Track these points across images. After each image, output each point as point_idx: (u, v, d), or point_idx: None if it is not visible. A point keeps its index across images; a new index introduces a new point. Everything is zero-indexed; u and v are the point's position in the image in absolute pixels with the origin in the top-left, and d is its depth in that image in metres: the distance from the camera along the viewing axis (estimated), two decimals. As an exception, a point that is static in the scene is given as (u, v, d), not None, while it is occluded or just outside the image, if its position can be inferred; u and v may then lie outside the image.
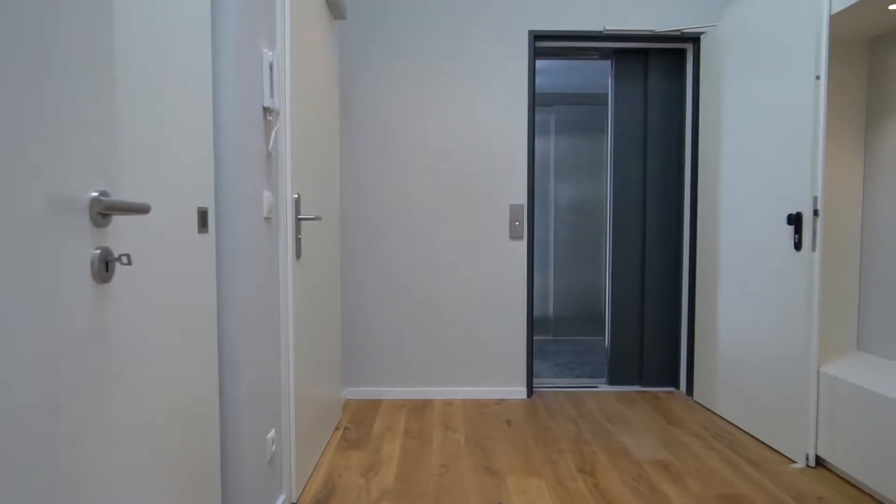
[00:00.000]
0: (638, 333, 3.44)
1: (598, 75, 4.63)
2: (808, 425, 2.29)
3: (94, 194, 0.88)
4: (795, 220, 2.31)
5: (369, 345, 3.26)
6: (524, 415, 2.96)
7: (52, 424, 0.80)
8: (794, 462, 2.35)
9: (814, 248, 2.26)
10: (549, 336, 5.13)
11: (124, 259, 0.95)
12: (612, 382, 3.45)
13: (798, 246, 2.32)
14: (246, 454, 1.60)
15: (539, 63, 4.37)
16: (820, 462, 2.32)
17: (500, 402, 3.19)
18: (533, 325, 3.29)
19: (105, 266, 0.91)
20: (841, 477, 2.21)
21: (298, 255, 2.05)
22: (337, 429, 2.75)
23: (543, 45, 3.26)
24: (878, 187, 2.54)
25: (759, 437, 2.60)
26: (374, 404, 3.14)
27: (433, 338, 3.26)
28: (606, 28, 3.17)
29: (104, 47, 0.91)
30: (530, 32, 3.18)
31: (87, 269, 0.87)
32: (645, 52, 3.35)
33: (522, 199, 3.23)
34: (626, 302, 3.43)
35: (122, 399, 1.02)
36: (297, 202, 2.03)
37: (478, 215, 3.23)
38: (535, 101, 4.89)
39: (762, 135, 2.56)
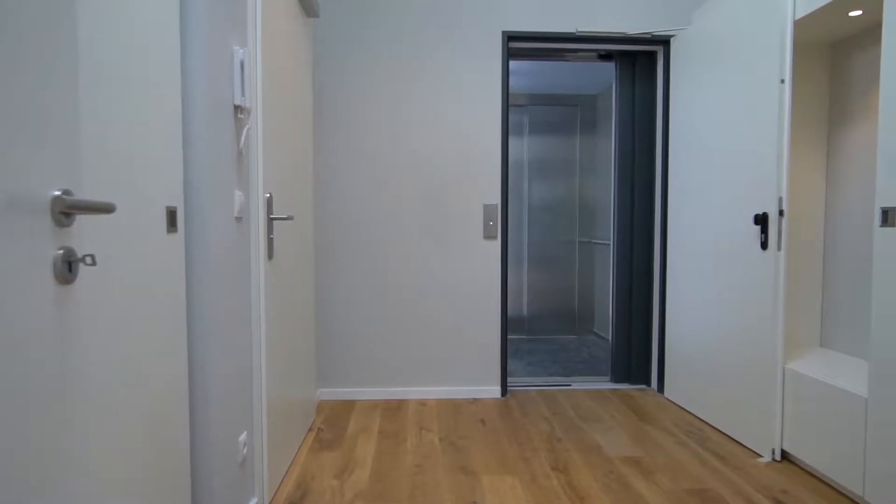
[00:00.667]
0: (627, 332, 3.49)
1: (571, 77, 4.67)
2: (773, 420, 2.35)
3: (56, 193, 0.85)
4: (762, 220, 2.37)
5: (343, 345, 3.23)
6: (498, 414, 2.97)
7: (13, 429, 0.77)
8: (761, 456, 2.40)
9: (779, 248, 2.31)
10: (523, 335, 5.16)
11: (88, 259, 0.93)
12: (615, 380, 3.50)
13: (764, 245, 2.37)
14: (216, 457, 1.57)
15: (513, 64, 4.40)
16: (785, 456, 2.38)
17: (474, 401, 3.20)
18: (507, 324, 3.31)
19: (68, 267, 0.89)
20: (805, 470, 2.27)
21: (271, 255, 2.03)
22: (310, 430, 2.73)
23: (518, 45, 3.28)
24: (839, 188, 2.61)
25: (727, 433, 2.65)
26: (349, 405, 3.13)
27: (408, 338, 3.26)
28: (578, 30, 3.21)
29: (66, 42, 0.88)
30: (504, 33, 3.19)
31: (48, 270, 0.85)
32: (633, 54, 3.39)
33: (496, 199, 3.24)
34: (625, 301, 3.48)
35: (86, 403, 0.99)
36: (270, 202, 2.01)
37: (452, 215, 3.24)
38: (509, 101, 4.92)
39: (729, 136, 2.62)
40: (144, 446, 1.22)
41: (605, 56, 3.43)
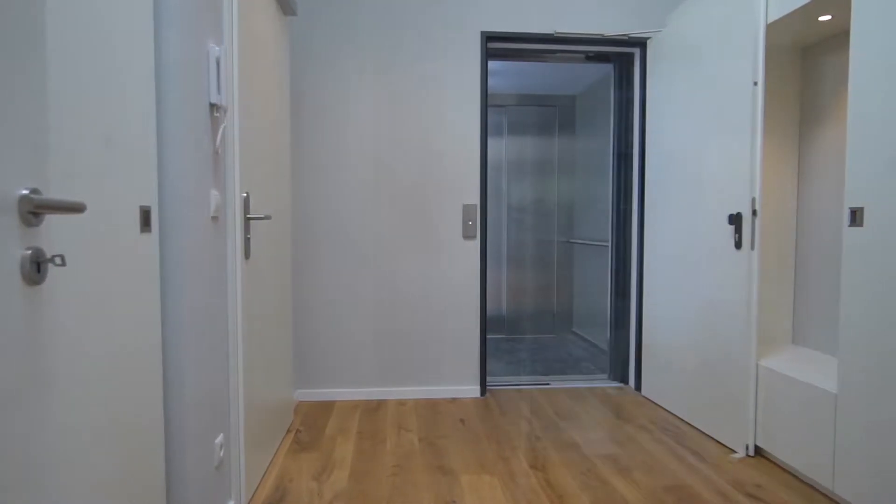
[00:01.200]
0: (615, 331, 3.54)
1: (550, 78, 4.70)
2: (747, 417, 2.39)
3: (24, 192, 0.83)
4: (736, 220, 2.41)
5: (322, 345, 3.21)
6: (477, 413, 2.98)
7: (-22, 435, 0.75)
8: (735, 452, 2.45)
9: (753, 247, 2.36)
10: (502, 334, 5.18)
11: (58, 260, 0.91)
12: (614, 379, 3.53)
13: (738, 244, 2.42)
14: (192, 460, 1.55)
15: (492, 64, 4.41)
16: (759, 452, 2.43)
17: (453, 401, 3.20)
18: (486, 323, 3.32)
19: (37, 267, 0.86)
20: (778, 465, 2.32)
21: (248, 255, 2.00)
22: (289, 431, 2.71)
23: (497, 45, 3.29)
24: (811, 189, 2.67)
25: (702, 429, 2.69)
26: (327, 406, 3.10)
27: (387, 338, 3.25)
28: (557, 31, 3.23)
29: (34, 38, 0.86)
30: (482, 33, 3.20)
31: (16, 271, 0.83)
32: (619, 56, 3.42)
33: (475, 199, 3.25)
34: (619, 301, 3.52)
35: (57, 406, 0.97)
36: (247, 201, 1.99)
37: (431, 215, 3.23)
38: (488, 101, 4.93)
39: (704, 137, 2.66)
40: (118, 449, 1.20)
41: (596, 57, 3.45)
